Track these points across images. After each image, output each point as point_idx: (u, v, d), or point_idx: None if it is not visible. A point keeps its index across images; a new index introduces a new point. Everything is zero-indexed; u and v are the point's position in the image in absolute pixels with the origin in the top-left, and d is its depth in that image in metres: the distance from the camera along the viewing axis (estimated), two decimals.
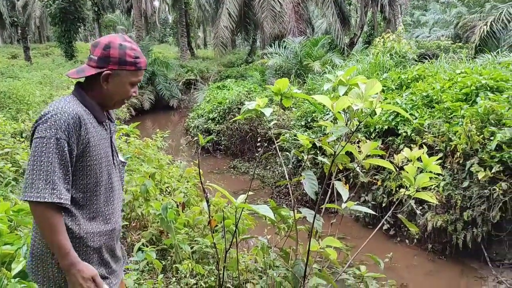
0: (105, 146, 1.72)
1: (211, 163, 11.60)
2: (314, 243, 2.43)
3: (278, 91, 2.80)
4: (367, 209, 2.88)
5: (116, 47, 1.66)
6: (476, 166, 5.44)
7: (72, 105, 1.61)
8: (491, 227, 5.40)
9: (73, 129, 1.55)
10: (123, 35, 1.74)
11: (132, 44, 1.71)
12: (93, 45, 1.70)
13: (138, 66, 1.70)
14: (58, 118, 1.53)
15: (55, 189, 1.48)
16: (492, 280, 5.30)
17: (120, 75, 1.68)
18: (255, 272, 3.12)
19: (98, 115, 1.71)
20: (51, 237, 1.52)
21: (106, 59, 1.66)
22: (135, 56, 1.69)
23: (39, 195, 1.46)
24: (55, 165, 1.49)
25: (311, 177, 2.63)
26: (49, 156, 1.49)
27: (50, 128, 1.52)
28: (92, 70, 1.66)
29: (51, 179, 1.47)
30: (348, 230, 6.90)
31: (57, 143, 1.51)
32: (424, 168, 2.85)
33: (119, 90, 1.72)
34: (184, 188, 3.62)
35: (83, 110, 1.64)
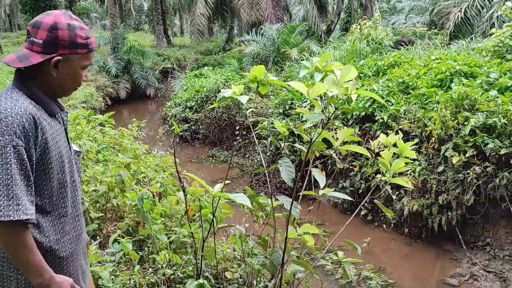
0: (62, 141, 1.54)
1: (190, 152, 11.52)
2: (291, 230, 2.43)
3: (255, 79, 2.76)
4: (343, 195, 2.89)
5: (64, 28, 1.43)
6: (451, 151, 5.54)
7: (21, 103, 1.38)
8: (465, 210, 5.53)
9: (29, 132, 1.35)
10: (66, 11, 1.50)
11: (80, 23, 1.49)
12: (34, 26, 1.43)
13: (90, 47, 1.50)
14: (10, 122, 1.32)
15: (20, 204, 1.30)
16: (467, 261, 5.44)
17: (71, 59, 1.47)
18: (234, 260, 3.11)
19: (50, 109, 1.50)
20: (22, 257, 1.36)
21: (54, 43, 1.42)
22: (86, 36, 1.48)
23: (1, 213, 1.27)
24: (16, 177, 1.31)
25: (288, 164, 2.62)
26: (7, 168, 1.29)
27: (3, 134, 1.31)
28: (38, 57, 1.41)
29: (13, 193, 1.29)
30: (327, 217, 6.97)
31: (15, 151, 1.31)
32: (399, 153, 2.87)
33: (71, 77, 1.51)
34: (160, 178, 3.57)
35: (33, 106, 1.42)
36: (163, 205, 3.03)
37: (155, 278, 2.55)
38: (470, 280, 5.13)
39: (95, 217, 3.21)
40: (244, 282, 2.81)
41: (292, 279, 2.63)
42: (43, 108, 1.47)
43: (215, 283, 2.94)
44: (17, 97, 1.40)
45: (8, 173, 1.30)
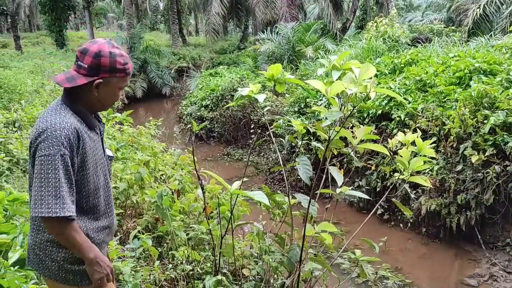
0: (98, 150, 1.81)
1: (205, 150, 11.58)
2: (309, 228, 2.43)
3: (272, 77, 2.77)
4: (361, 193, 2.88)
5: (106, 56, 1.69)
6: (470, 149, 5.47)
7: (67, 118, 1.65)
8: (485, 210, 5.45)
9: (73, 143, 1.62)
10: (110, 41, 1.76)
11: (120, 51, 1.75)
12: (81, 52, 1.71)
13: (128, 71, 1.76)
14: (58, 134, 1.59)
15: (65, 203, 1.56)
16: (486, 262, 5.36)
17: (110, 82, 1.73)
18: (251, 257, 3.13)
19: (90, 122, 1.77)
20: (73, 241, 1.63)
21: (97, 68, 1.68)
22: (124, 62, 1.73)
23: (50, 210, 1.54)
24: (62, 180, 1.57)
25: (305, 162, 2.63)
26: (55, 173, 1.56)
27: (53, 145, 1.57)
28: (83, 79, 1.68)
29: (60, 194, 1.55)
30: (343, 216, 6.95)
31: (62, 159, 1.57)
32: (418, 152, 2.86)
33: (110, 96, 1.77)
34: (178, 176, 3.60)
35: (76, 121, 1.69)
36: (181, 202, 3.07)
37: (174, 274, 2.58)
38: (490, 280, 5.06)
39: (115, 213, 3.25)
40: (261, 279, 2.82)
41: (309, 276, 2.63)
42: (84, 122, 1.74)
43: (232, 279, 2.97)
44: (65, 113, 1.67)
45: (56, 177, 1.56)
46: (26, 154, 5.00)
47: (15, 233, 2.21)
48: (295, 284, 2.49)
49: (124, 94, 2.08)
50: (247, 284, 2.82)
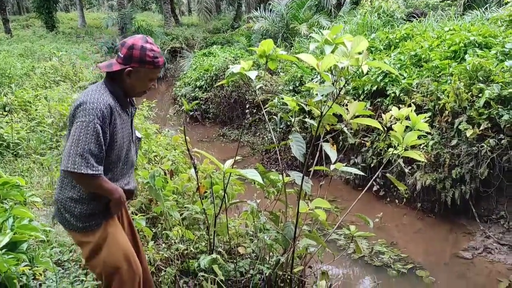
0: (126, 128, 2.13)
1: (200, 131, 11.54)
2: (303, 205, 2.42)
3: (263, 53, 2.72)
4: (355, 170, 2.87)
5: (138, 49, 2.02)
6: (465, 124, 5.46)
7: (105, 96, 2.00)
8: (479, 184, 5.47)
9: (106, 117, 1.94)
10: (146, 37, 2.08)
11: (152, 46, 2.06)
12: (121, 44, 2.07)
13: (156, 65, 2.07)
14: (95, 107, 1.92)
15: (89, 163, 1.87)
16: (480, 235, 5.41)
17: (140, 71, 2.05)
18: (246, 236, 3.12)
19: (123, 103, 2.11)
20: (99, 189, 2.00)
21: (129, 58, 2.02)
22: (153, 56, 2.04)
23: (75, 166, 1.85)
24: (91, 143, 1.87)
25: (299, 139, 2.60)
26: (86, 136, 1.87)
27: (89, 114, 1.89)
28: (118, 66, 2.04)
29: (86, 155, 1.85)
30: (339, 193, 6.97)
31: (94, 127, 1.89)
32: (412, 126, 2.83)
33: (139, 84, 2.10)
34: (171, 156, 3.57)
35: (112, 99, 2.02)
36: (174, 183, 3.04)
37: (168, 254, 2.58)
38: (484, 253, 5.11)
39: None
40: (256, 256, 2.82)
41: (304, 253, 2.64)
42: (118, 102, 2.08)
43: (228, 258, 2.97)
44: (103, 92, 2.02)
45: (86, 140, 1.87)
46: (16, 138, 4.96)
47: (5, 216, 2.19)
48: (290, 261, 2.49)
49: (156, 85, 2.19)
50: (242, 262, 2.82)
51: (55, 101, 6.23)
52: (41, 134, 4.76)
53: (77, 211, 2.07)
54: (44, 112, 5.54)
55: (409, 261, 5.07)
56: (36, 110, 5.99)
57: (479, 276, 4.76)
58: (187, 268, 2.67)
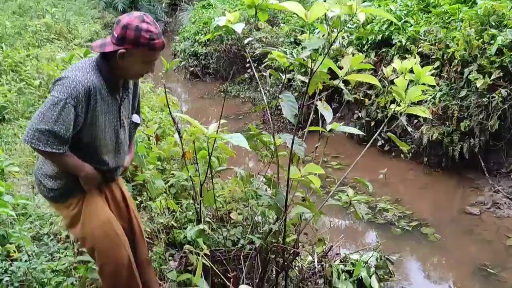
0: (112, 113, 1.96)
1: (201, 88, 11.24)
2: (294, 171, 2.22)
3: (252, 4, 2.43)
4: (352, 129, 2.65)
5: (132, 29, 1.80)
6: (475, 73, 5.14)
7: (90, 76, 1.83)
8: (489, 137, 5.23)
9: (82, 98, 1.78)
10: (143, 15, 1.84)
11: (149, 26, 1.82)
12: (116, 22, 1.86)
13: (152, 47, 1.83)
14: (73, 85, 1.77)
15: (49, 140, 1.75)
16: (489, 189, 5.23)
17: (133, 54, 1.84)
18: (240, 201, 2.96)
19: (112, 87, 1.93)
20: (65, 166, 1.89)
21: (123, 39, 1.81)
22: (150, 38, 1.81)
23: (33, 141, 1.75)
24: (56, 121, 1.74)
25: (290, 99, 2.36)
26: (53, 114, 1.74)
27: (64, 92, 1.76)
28: (111, 47, 1.84)
29: (48, 131, 1.73)
30: (343, 148, 6.76)
31: (64, 106, 1.74)
32: (416, 80, 2.58)
33: (133, 67, 1.90)
34: (158, 119, 3.35)
35: (98, 81, 1.86)
36: (160, 148, 2.85)
37: (151, 227, 2.43)
38: (492, 208, 4.94)
39: None
40: (249, 224, 2.67)
41: (297, 222, 2.47)
42: (106, 84, 1.90)
43: (220, 225, 2.83)
44: (90, 70, 1.85)
45: (52, 117, 1.74)
46: (5, 101, 4.76)
47: None
48: (282, 230, 2.33)
49: (153, 68, 1.96)
50: (234, 230, 2.67)
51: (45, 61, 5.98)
52: (28, 97, 4.55)
53: (49, 185, 2.00)
54: (32, 73, 5.30)
55: (414, 218, 4.93)
56: (25, 71, 5.75)
57: (487, 232, 4.61)
58: (173, 239, 2.54)
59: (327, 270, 3.05)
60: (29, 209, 2.59)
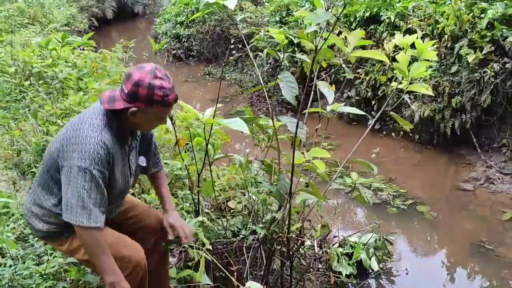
0: (124, 164, 1.86)
1: (185, 71, 10.97)
2: (298, 156, 2.09)
3: None
4: (355, 109, 2.53)
5: (145, 86, 1.67)
6: (466, 48, 5.06)
7: (103, 133, 1.70)
8: (481, 112, 5.19)
9: (103, 159, 1.68)
10: (155, 69, 1.70)
11: (162, 81, 1.69)
12: (126, 77, 1.72)
13: (166, 104, 1.71)
14: (92, 149, 1.65)
15: (91, 214, 1.64)
16: (481, 165, 5.21)
17: (147, 112, 1.72)
18: (237, 188, 2.83)
19: (122, 139, 1.82)
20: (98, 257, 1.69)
21: (134, 96, 1.68)
22: (163, 95, 1.69)
23: (77, 219, 1.63)
24: (91, 192, 1.64)
25: (289, 79, 2.22)
26: (84, 185, 1.63)
27: (85, 158, 1.63)
28: (122, 104, 1.71)
29: (87, 206, 1.63)
30: (333, 129, 6.67)
31: (92, 173, 1.63)
32: (418, 56, 2.46)
33: (146, 124, 1.80)
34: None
35: (110, 136, 1.73)
36: None
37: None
38: (486, 183, 4.93)
39: None
40: (249, 213, 2.55)
41: (301, 209, 2.36)
42: (117, 138, 1.78)
43: (219, 215, 2.70)
44: (101, 127, 1.72)
45: (85, 189, 1.64)
46: None
47: None
48: (286, 218, 2.21)
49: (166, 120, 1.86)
50: (234, 220, 2.55)
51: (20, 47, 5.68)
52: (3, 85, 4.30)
53: (38, 227, 1.85)
54: (7, 60, 5.02)
55: (409, 196, 4.89)
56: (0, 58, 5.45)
57: (481, 208, 4.60)
58: None
59: (331, 256, 2.97)
60: (11, 207, 2.42)
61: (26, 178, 3.00)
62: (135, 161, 1.97)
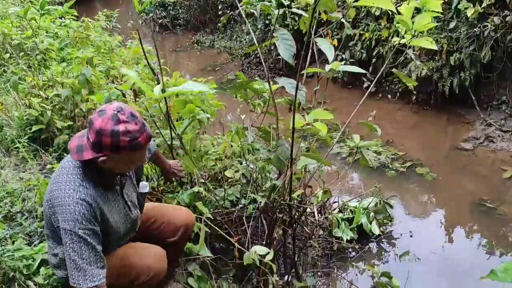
0: (118, 205, 1.74)
1: (172, 41, 10.65)
2: (298, 119, 1.96)
3: None
4: (357, 68, 2.38)
5: (107, 135, 1.50)
6: (465, 2, 4.86)
7: (82, 189, 1.58)
8: (480, 69, 5.04)
9: (87, 216, 1.56)
10: (117, 113, 1.51)
11: (127, 125, 1.52)
12: (89, 124, 1.55)
13: (136, 147, 1.55)
14: (72, 210, 1.54)
15: (87, 275, 1.56)
16: (480, 123, 5.11)
17: (115, 158, 1.57)
18: (233, 157, 2.70)
19: (109, 184, 1.69)
20: None
21: (99, 146, 1.53)
22: (130, 139, 1.53)
23: (74, 281, 1.56)
24: (82, 253, 1.56)
25: (286, 37, 2.06)
26: (73, 247, 1.54)
27: (68, 220, 1.54)
28: (90, 154, 1.56)
29: (81, 267, 1.56)
30: (327, 93, 6.51)
31: (78, 235, 1.54)
32: (421, 7, 2.30)
33: (121, 166, 1.63)
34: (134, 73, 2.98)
35: (92, 190, 1.60)
36: (139, 105, 2.53)
37: None
38: (485, 142, 4.84)
39: (63, 126, 2.73)
40: (247, 182, 2.43)
41: (302, 176, 2.24)
42: (101, 185, 1.64)
43: (216, 185, 2.58)
44: (79, 182, 1.59)
45: (75, 251, 1.55)
46: None
47: None
48: (287, 185, 2.09)
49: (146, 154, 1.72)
50: (232, 189, 2.43)
51: None
52: None
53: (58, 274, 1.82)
54: None
55: (407, 159, 4.81)
56: None
57: (482, 167, 4.53)
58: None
59: (332, 222, 2.88)
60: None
61: (10, 154, 2.85)
62: (133, 193, 1.85)
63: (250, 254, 1.68)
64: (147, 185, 1.88)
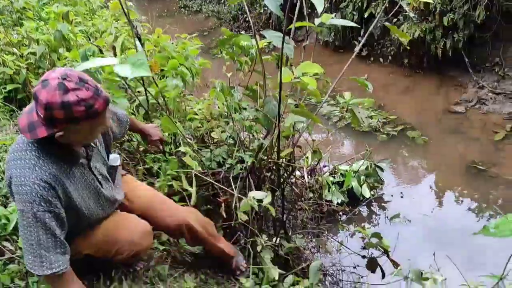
0: (85, 180, 1.57)
1: (159, 5, 10.34)
2: (286, 73, 1.85)
3: None
4: (347, 21, 2.25)
5: (58, 108, 1.29)
6: None
7: (37, 170, 1.39)
8: (474, 29, 4.93)
9: (47, 196, 1.40)
10: (62, 82, 1.28)
11: (78, 93, 1.30)
12: (34, 98, 1.34)
13: (94, 115, 1.36)
14: (29, 191, 1.37)
15: (44, 261, 1.43)
16: (473, 86, 5.04)
17: (74, 129, 1.37)
18: (221, 118, 2.60)
19: (70, 158, 1.50)
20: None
21: (52, 121, 1.33)
22: (86, 108, 1.32)
23: (31, 267, 1.44)
24: (40, 237, 1.42)
25: None
26: (31, 231, 1.41)
27: (24, 202, 1.38)
28: (44, 130, 1.35)
29: (38, 252, 1.43)
30: (319, 58, 6.35)
31: (36, 216, 1.39)
32: None
33: (81, 137, 1.44)
34: (113, 29, 2.83)
35: (52, 166, 1.42)
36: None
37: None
38: (478, 104, 4.79)
39: None
40: (234, 142, 2.34)
41: (291, 133, 2.15)
42: (62, 160, 1.47)
43: (202, 146, 2.49)
44: (35, 160, 1.41)
45: (32, 235, 1.41)
46: None
47: None
48: (275, 143, 2.01)
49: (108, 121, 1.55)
50: (218, 150, 2.34)
51: None
52: None
53: None
54: None
55: (399, 122, 4.75)
56: None
57: (473, 129, 4.49)
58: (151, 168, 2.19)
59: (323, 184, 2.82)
60: None
61: None
62: (102, 166, 1.68)
63: (247, 200, 1.62)
64: (118, 158, 1.74)
